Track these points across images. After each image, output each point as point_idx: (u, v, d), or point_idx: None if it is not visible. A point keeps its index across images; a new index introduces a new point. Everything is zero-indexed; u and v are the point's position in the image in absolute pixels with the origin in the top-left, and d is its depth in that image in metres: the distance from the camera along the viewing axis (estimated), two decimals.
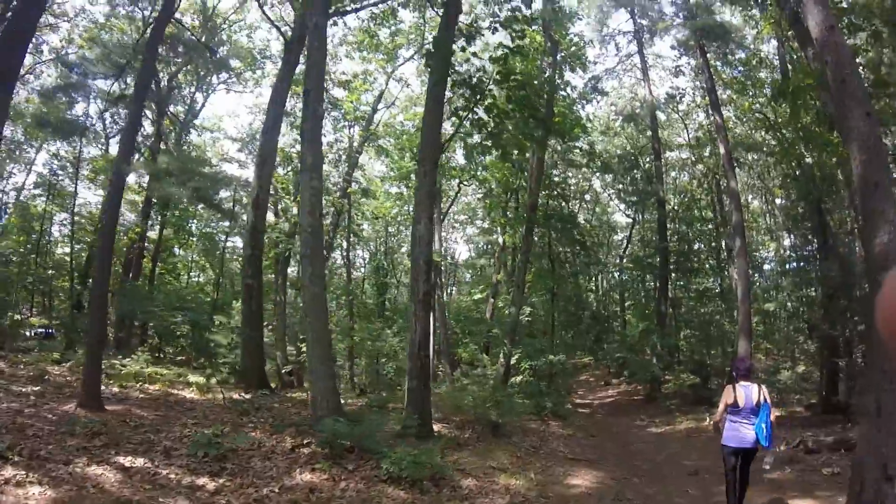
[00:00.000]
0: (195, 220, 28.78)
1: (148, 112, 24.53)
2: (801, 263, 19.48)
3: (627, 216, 33.24)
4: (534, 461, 9.98)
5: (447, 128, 13.72)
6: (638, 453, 12.21)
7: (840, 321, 15.37)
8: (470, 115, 11.59)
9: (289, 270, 24.31)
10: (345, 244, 27.14)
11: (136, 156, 16.42)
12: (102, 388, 11.05)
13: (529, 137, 12.41)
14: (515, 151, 13.54)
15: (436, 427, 11.37)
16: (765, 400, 6.29)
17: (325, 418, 9.04)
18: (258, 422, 10.45)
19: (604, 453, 11.99)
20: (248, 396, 13.35)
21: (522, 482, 8.32)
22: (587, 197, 33.63)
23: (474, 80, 11.07)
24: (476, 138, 12.41)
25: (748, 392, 6.30)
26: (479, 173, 24.79)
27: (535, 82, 14.54)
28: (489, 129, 11.67)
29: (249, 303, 15.86)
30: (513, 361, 19.08)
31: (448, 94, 11.79)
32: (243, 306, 16.15)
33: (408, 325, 11.01)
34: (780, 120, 20.09)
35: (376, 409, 13.29)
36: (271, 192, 21.33)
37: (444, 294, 36.99)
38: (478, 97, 11.24)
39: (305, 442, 8.77)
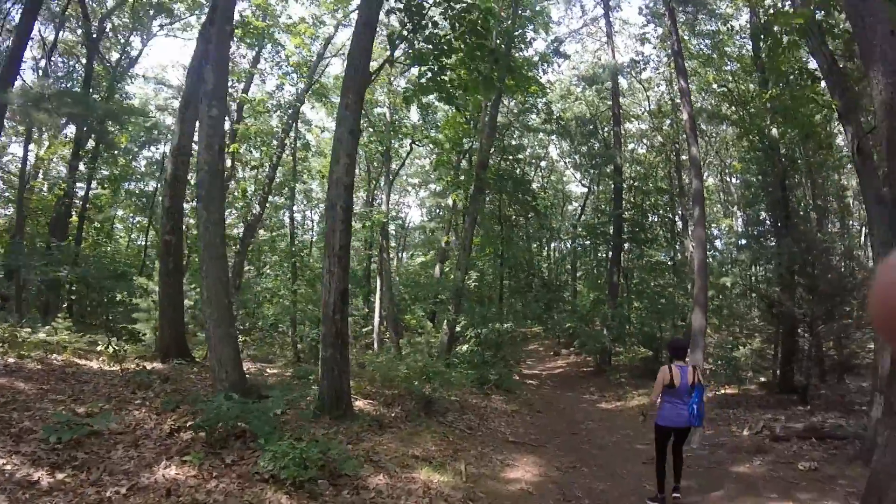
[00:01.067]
0: (137, 179, 26.06)
1: (83, 58, 21.90)
2: (760, 238, 18.08)
3: (583, 185, 31.77)
4: (468, 447, 8.18)
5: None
6: (587, 434, 10.57)
7: (802, 299, 14.08)
8: (406, 44, 9.57)
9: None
10: (288, 202, 24.81)
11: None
12: None
13: (479, 77, 10.39)
14: (461, 92, 11.52)
15: (360, 403, 9.54)
16: (698, 381, 6.22)
17: (221, 393, 7.18)
18: (150, 397, 8.45)
19: (550, 434, 10.30)
20: (157, 366, 11.36)
21: (448, 478, 6.52)
22: (543, 164, 31.89)
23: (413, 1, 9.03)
24: (413, 72, 10.33)
25: (684, 372, 6.15)
26: (431, 134, 22.89)
27: (490, 7, 12.26)
28: (430, 63, 9.66)
29: (167, 260, 13.54)
30: (458, 329, 17.34)
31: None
32: (160, 265, 13.83)
33: (322, 283, 9.02)
34: (746, 91, 18.72)
35: (301, 381, 11.43)
36: None
37: (396, 259, 35.24)
38: (416, 22, 9.20)
39: (189, 424, 6.84)
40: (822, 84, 11.93)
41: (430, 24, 9.60)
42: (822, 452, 8.48)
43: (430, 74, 9.94)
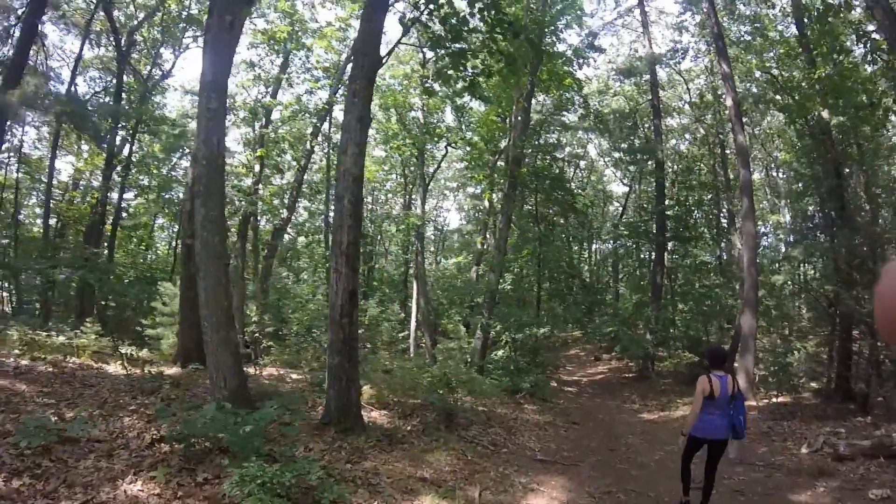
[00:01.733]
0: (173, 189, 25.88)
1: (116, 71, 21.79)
2: (815, 232, 16.48)
3: (624, 184, 30.37)
4: (487, 467, 7.12)
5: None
6: (627, 451, 9.27)
7: (861, 297, 12.53)
8: (420, 27, 8.68)
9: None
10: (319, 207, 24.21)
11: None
12: (11, 359, 9.22)
13: (506, 59, 9.40)
14: (487, 80, 10.57)
15: (374, 414, 8.63)
16: (738, 391, 5.67)
17: (220, 401, 6.49)
18: (147, 404, 7.72)
19: (585, 451, 9.11)
20: (174, 371, 10.80)
21: None
22: (582, 164, 30.58)
23: None
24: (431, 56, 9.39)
25: (723, 382, 5.54)
26: (466, 136, 21.98)
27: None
28: (447, 46, 8.72)
29: (188, 265, 13.01)
30: (493, 334, 16.28)
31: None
32: (182, 269, 13.31)
33: (328, 283, 8.17)
34: (792, 78, 17.19)
35: (318, 388, 10.58)
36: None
37: (434, 263, 34.33)
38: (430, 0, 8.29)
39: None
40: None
41: (446, 4, 8.70)
42: (894, 475, 7.16)
43: (448, 60, 9.03)
